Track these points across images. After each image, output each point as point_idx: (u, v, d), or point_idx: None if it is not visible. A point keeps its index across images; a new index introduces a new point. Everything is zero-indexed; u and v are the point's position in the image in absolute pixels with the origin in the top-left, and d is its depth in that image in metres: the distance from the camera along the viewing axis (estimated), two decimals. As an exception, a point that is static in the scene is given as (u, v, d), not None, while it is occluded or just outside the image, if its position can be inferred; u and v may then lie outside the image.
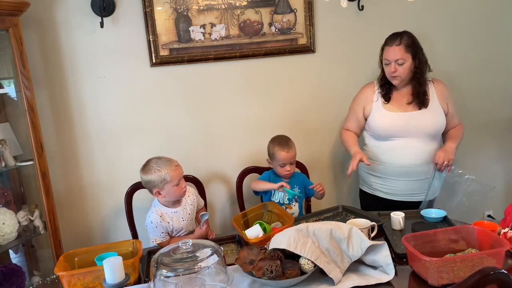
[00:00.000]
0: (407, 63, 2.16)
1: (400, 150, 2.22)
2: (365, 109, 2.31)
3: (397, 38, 2.17)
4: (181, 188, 2.03)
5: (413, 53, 2.17)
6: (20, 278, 2.00)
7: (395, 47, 2.16)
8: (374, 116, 2.27)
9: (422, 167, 2.23)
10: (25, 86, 2.11)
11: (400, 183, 2.27)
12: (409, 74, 2.20)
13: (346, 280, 1.54)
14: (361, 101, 2.34)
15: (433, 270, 1.45)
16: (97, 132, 2.47)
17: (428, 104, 2.22)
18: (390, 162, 2.25)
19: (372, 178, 2.35)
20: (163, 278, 1.45)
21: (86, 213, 2.53)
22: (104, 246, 1.88)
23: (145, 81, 2.47)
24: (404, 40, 2.16)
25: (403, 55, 2.15)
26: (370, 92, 2.32)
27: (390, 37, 2.21)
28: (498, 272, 1.18)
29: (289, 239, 1.56)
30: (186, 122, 2.56)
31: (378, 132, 2.27)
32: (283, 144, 2.24)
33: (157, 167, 1.98)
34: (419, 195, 2.28)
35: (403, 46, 2.15)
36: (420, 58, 2.19)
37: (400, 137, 2.21)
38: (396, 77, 2.19)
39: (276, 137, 2.32)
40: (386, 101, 2.26)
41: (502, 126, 2.94)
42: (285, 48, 2.57)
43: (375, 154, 2.30)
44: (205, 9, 2.45)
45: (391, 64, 2.18)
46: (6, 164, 2.16)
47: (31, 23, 2.29)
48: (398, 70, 2.17)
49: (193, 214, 2.14)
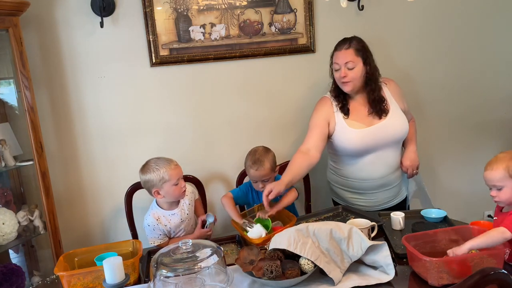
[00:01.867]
0: (358, 67, 2.07)
1: (373, 165, 2.15)
2: (330, 123, 2.15)
3: (346, 43, 2.09)
4: (180, 188, 2.03)
5: (364, 57, 2.08)
6: (20, 278, 2.00)
7: (344, 51, 2.08)
8: (340, 136, 2.14)
9: (396, 173, 2.22)
10: (25, 86, 2.11)
11: (378, 195, 2.23)
12: (360, 80, 2.10)
13: (346, 280, 1.54)
14: (323, 115, 2.16)
15: (433, 270, 1.45)
16: (97, 132, 2.47)
17: (388, 110, 2.13)
18: (366, 178, 2.17)
19: (348, 194, 2.28)
20: (163, 278, 1.45)
21: (86, 213, 2.53)
22: (104, 246, 1.89)
23: (145, 81, 2.47)
24: (354, 44, 2.08)
25: (353, 58, 2.06)
26: (327, 104, 2.18)
27: (339, 43, 2.13)
28: (498, 272, 1.18)
29: (289, 239, 1.56)
30: (186, 122, 2.56)
31: (348, 152, 2.15)
32: (254, 161, 2.12)
33: (156, 166, 1.98)
34: (395, 199, 2.29)
35: (353, 49, 2.07)
36: (371, 63, 2.10)
37: (371, 152, 2.12)
38: (347, 82, 2.08)
39: (253, 150, 2.20)
40: (346, 114, 2.14)
41: (502, 126, 2.94)
42: (285, 48, 2.57)
43: (348, 172, 2.21)
44: (205, 9, 2.45)
45: (341, 69, 2.08)
46: (6, 164, 2.16)
47: (31, 23, 2.29)
48: (349, 74, 2.06)
49: (191, 213, 2.14)
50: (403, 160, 2.23)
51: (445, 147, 2.90)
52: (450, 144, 2.91)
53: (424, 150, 2.67)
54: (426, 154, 2.76)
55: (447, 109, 2.85)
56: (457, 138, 2.91)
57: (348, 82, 2.08)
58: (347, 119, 2.14)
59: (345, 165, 2.22)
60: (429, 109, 2.82)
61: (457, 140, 2.91)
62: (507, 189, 1.56)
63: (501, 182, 1.56)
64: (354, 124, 2.13)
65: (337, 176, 2.30)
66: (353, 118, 2.14)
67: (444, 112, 2.85)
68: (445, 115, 2.86)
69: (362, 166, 2.16)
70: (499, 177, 1.56)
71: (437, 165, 2.92)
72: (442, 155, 2.91)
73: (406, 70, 2.74)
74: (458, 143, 2.91)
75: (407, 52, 2.73)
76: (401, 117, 2.17)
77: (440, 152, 2.91)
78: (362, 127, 2.12)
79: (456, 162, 2.94)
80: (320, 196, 2.67)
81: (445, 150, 2.91)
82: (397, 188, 2.27)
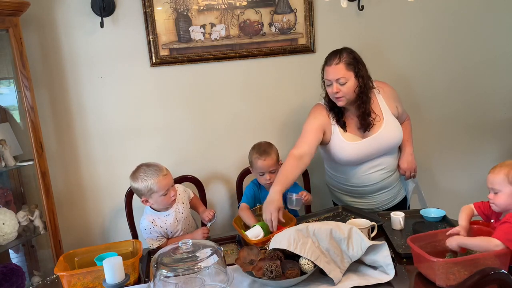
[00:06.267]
0: (350, 82, 1.99)
1: (369, 172, 2.14)
2: (325, 132, 2.11)
3: (336, 56, 2.00)
4: (169, 198, 2.00)
5: (355, 70, 2.00)
6: (20, 278, 2.00)
7: (334, 66, 1.99)
8: (336, 147, 2.11)
9: (393, 176, 2.22)
10: (25, 86, 2.11)
11: (377, 197, 2.23)
12: (354, 94, 2.02)
13: (346, 280, 1.54)
14: (319, 122, 2.11)
15: (442, 271, 1.44)
16: (97, 132, 2.47)
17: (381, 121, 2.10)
18: (363, 183, 2.17)
19: (347, 197, 2.28)
20: (163, 278, 1.45)
21: (86, 213, 2.53)
22: (104, 246, 1.89)
23: (145, 81, 2.47)
24: (344, 58, 1.99)
25: (345, 73, 1.98)
26: (323, 114, 2.13)
27: (328, 56, 2.04)
28: (498, 272, 1.18)
29: (289, 239, 1.56)
30: (186, 122, 2.56)
31: (344, 164, 2.14)
32: (261, 152, 2.16)
33: (144, 176, 1.96)
34: (395, 200, 2.29)
35: (343, 64, 1.98)
36: (363, 75, 2.02)
37: (367, 161, 2.12)
38: (340, 97, 2.02)
39: (257, 144, 2.24)
40: (343, 128, 2.10)
41: (502, 126, 2.94)
42: (285, 48, 2.57)
43: (345, 178, 2.21)
44: (205, 9, 2.45)
45: (332, 84, 2.00)
46: (6, 164, 2.16)
47: (31, 23, 2.29)
48: (342, 90, 1.99)
49: (187, 213, 2.14)
50: (401, 163, 2.23)
51: (443, 147, 2.90)
52: (448, 144, 2.91)
53: (422, 150, 2.67)
54: (424, 154, 2.76)
55: (445, 109, 2.85)
56: (455, 138, 2.91)
57: (341, 97, 2.02)
58: (345, 133, 2.11)
59: (341, 172, 2.22)
60: (427, 109, 2.82)
61: (455, 140, 2.91)
62: (502, 194, 1.58)
63: (499, 186, 1.59)
64: (349, 137, 2.10)
65: (334, 181, 2.30)
66: (349, 131, 2.12)
67: (442, 112, 2.85)
68: (443, 115, 2.86)
69: (359, 174, 2.16)
70: (498, 180, 1.59)
71: (435, 165, 2.92)
72: (440, 155, 2.91)
73: (405, 70, 2.74)
74: (456, 143, 2.91)
75: (406, 52, 2.73)
76: (395, 126, 2.14)
77: (438, 152, 2.90)
78: (357, 139, 2.10)
79: (454, 162, 2.93)
80: (320, 196, 2.67)
81: (443, 150, 2.91)
82: (396, 189, 2.27)
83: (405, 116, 2.32)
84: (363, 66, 2.05)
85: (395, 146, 2.18)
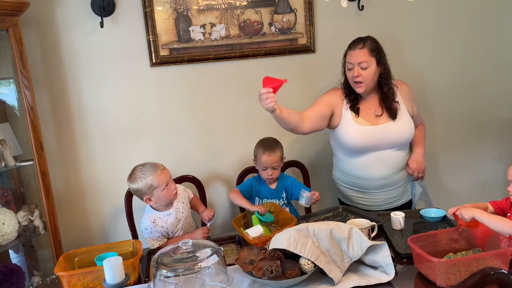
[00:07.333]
0: (371, 68, 2.06)
1: (375, 164, 2.15)
2: (335, 113, 2.17)
3: (361, 42, 2.08)
4: (171, 191, 2.02)
5: (378, 58, 2.07)
6: (20, 278, 2.00)
7: (358, 50, 2.06)
8: (344, 130, 2.16)
9: (399, 174, 2.22)
10: (25, 86, 2.11)
11: (381, 194, 2.23)
12: (373, 81, 2.09)
13: (346, 280, 1.54)
14: (331, 101, 2.18)
15: (442, 272, 1.44)
16: (97, 132, 2.47)
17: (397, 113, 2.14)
18: (367, 177, 2.18)
19: (351, 192, 2.29)
20: (163, 278, 1.45)
21: (86, 213, 2.53)
22: (104, 246, 1.89)
23: (145, 81, 2.47)
24: (368, 44, 2.07)
25: (367, 58, 2.05)
26: (338, 95, 2.20)
27: (353, 42, 2.12)
28: (498, 272, 1.18)
29: (289, 239, 1.56)
30: (186, 122, 2.56)
31: (350, 147, 2.16)
32: (266, 147, 2.21)
33: (142, 174, 1.97)
34: (399, 200, 2.29)
35: (367, 49, 2.06)
36: (384, 64, 2.10)
37: (373, 151, 2.13)
38: (360, 83, 2.08)
39: (264, 139, 2.29)
40: (356, 113, 2.15)
41: (502, 126, 2.93)
42: (285, 48, 2.57)
43: (350, 169, 2.23)
44: (205, 9, 2.44)
45: (354, 68, 2.07)
46: (6, 164, 2.16)
47: (31, 23, 2.29)
48: (362, 74, 2.05)
49: (187, 212, 2.14)
50: (410, 162, 2.23)
51: (447, 147, 2.90)
52: (452, 144, 2.90)
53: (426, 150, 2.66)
54: (428, 153, 2.75)
55: (448, 109, 2.85)
56: (459, 138, 2.90)
57: (361, 83, 2.08)
58: (357, 117, 2.15)
59: (346, 161, 2.24)
60: (430, 109, 2.81)
61: (458, 140, 2.91)
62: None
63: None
64: (360, 121, 2.14)
65: (340, 174, 2.32)
66: (361, 116, 2.16)
67: (445, 112, 2.85)
68: (446, 115, 2.86)
69: (362, 165, 2.17)
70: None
71: (438, 165, 2.92)
72: (443, 154, 2.91)
73: (406, 70, 2.73)
74: (459, 143, 2.91)
75: (406, 52, 2.73)
76: (408, 122, 2.17)
77: (441, 152, 2.90)
78: (367, 124, 2.13)
79: (457, 162, 2.93)
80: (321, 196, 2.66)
81: (446, 150, 2.91)
82: (400, 188, 2.27)
83: (419, 120, 2.34)
84: (385, 56, 2.12)
85: (403, 142, 2.18)
